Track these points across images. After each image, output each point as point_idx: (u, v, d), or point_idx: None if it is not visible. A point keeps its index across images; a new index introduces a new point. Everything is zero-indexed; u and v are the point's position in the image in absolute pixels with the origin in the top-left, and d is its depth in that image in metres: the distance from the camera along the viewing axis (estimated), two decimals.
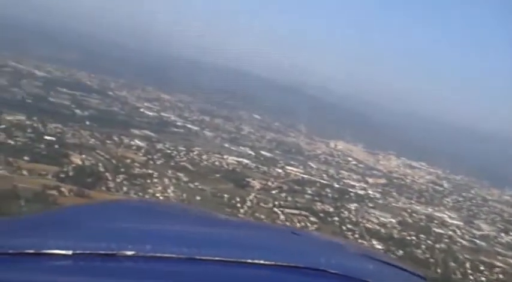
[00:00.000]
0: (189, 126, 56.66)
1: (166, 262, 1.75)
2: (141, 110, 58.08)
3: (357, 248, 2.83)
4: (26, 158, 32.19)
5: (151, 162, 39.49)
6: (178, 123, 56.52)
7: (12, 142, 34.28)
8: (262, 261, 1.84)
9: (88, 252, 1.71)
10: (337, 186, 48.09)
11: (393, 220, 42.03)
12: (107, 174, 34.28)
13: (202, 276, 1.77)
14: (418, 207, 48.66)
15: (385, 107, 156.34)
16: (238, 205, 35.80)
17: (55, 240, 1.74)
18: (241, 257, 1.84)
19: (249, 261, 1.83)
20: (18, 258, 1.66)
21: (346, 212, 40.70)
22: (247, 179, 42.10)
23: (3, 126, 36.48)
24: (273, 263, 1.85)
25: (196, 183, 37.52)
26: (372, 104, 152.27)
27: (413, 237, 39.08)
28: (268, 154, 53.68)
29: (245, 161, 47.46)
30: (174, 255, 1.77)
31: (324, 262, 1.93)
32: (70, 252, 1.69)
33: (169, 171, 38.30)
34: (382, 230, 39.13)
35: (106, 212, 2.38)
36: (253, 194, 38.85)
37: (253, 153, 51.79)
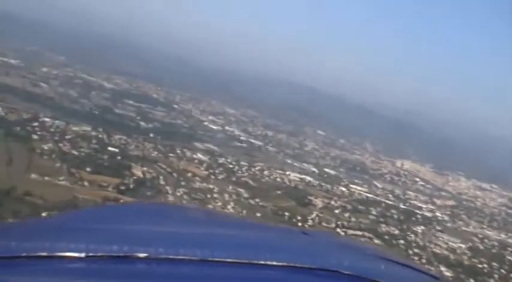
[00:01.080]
0: (252, 141, 56.23)
1: (178, 264, 1.74)
2: (205, 123, 58.25)
3: (369, 248, 2.80)
4: (88, 169, 32.46)
5: (212, 176, 39.13)
6: (242, 138, 56.20)
7: (76, 152, 34.73)
8: (274, 263, 1.82)
9: (100, 254, 1.70)
10: (403, 207, 46.24)
11: (463, 245, 39.77)
12: (167, 187, 34.11)
13: (214, 277, 1.76)
14: (489, 233, 45.98)
15: (453, 125, 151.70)
16: (300, 224, 34.71)
17: (67, 243, 1.72)
18: (253, 258, 1.81)
19: (261, 262, 1.81)
20: (31, 261, 1.65)
21: (412, 235, 38.85)
22: (310, 197, 40.98)
23: (69, 136, 37.05)
24: (285, 264, 1.83)
25: (257, 200, 36.83)
26: (440, 122, 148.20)
27: (485, 265, 36.73)
28: (332, 172, 52.42)
29: (308, 178, 46.39)
30: (186, 257, 1.75)
31: (337, 263, 1.89)
32: (83, 255, 1.68)
33: (230, 187, 37.82)
34: (451, 256, 37.03)
35: (118, 215, 2.42)
36: (315, 213, 37.76)
37: (316, 170, 50.68)
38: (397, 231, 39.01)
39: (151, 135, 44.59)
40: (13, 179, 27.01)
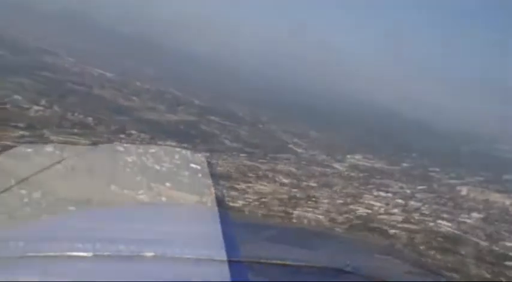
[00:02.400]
0: (335, 166, 54.84)
1: (185, 263, 1.91)
2: (290, 146, 57.59)
3: (375, 246, 3.76)
4: (168, 184, 32.35)
5: (293, 200, 38.25)
6: (326, 163, 54.94)
7: (158, 167, 34.80)
8: (279, 262, 1.97)
9: (108, 254, 1.90)
10: (495, 248, 43.11)
11: None
12: (246, 209, 33.54)
13: (221, 276, 1.87)
14: None
15: None
16: None
17: (76, 243, 1.84)
18: (260, 257, 1.99)
19: (267, 261, 1.98)
20: (40, 261, 1.76)
21: None
22: (393, 230, 39.04)
23: (152, 150, 37.37)
24: (292, 263, 1.96)
25: (335, 229, 35.47)
26: None
27: None
28: (418, 204, 49.94)
29: (392, 209, 44.37)
30: (193, 256, 1.97)
31: (342, 262, 2.02)
32: (91, 254, 1.87)
33: (309, 214, 36.73)
34: None
35: (125, 215, 2.70)
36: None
37: (402, 202, 48.43)
38: (488, 275, 36.28)
39: (234, 153, 44.46)
40: (92, 189, 27.45)
